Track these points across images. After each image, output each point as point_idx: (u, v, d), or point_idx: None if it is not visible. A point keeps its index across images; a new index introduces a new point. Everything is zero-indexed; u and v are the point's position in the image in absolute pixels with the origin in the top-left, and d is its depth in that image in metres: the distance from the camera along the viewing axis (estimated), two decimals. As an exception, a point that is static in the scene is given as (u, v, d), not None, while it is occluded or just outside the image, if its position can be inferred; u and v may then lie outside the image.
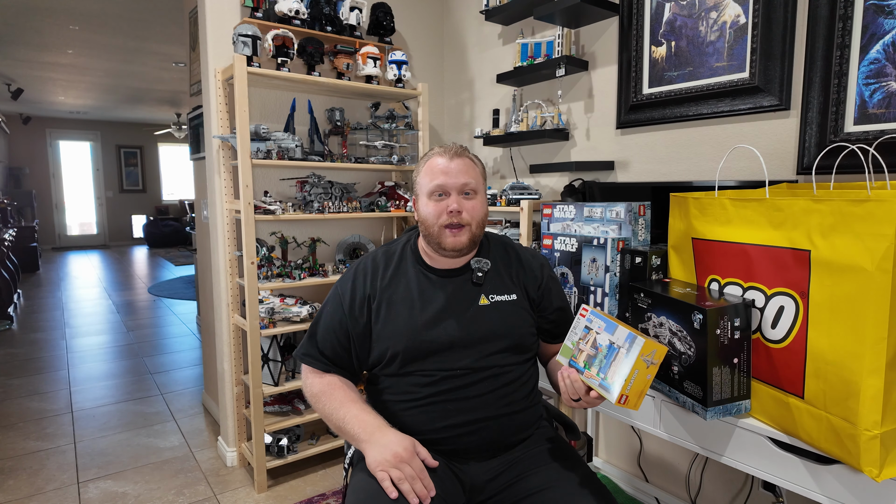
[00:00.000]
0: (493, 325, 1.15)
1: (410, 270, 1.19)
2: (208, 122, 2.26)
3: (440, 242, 1.13)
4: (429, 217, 1.13)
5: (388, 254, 1.23)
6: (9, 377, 3.45)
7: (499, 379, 1.14)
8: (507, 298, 1.18)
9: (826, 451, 0.92)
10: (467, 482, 1.13)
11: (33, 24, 4.67)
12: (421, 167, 1.18)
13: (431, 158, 1.16)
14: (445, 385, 1.12)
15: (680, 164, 1.82)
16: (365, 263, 1.22)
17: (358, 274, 1.20)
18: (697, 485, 1.86)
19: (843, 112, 1.40)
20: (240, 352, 2.29)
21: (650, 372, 0.93)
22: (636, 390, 0.93)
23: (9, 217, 7.15)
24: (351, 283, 1.19)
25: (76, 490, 2.16)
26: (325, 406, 1.13)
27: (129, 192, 11.45)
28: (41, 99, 8.40)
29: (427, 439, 1.11)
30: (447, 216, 1.11)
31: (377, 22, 2.46)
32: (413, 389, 1.13)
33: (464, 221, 1.12)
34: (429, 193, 1.14)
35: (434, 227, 1.13)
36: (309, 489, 2.17)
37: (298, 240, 2.43)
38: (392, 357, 1.13)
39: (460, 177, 1.12)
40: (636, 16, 1.89)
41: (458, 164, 1.13)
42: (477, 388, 1.12)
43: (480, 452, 1.14)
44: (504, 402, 1.14)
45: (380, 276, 1.18)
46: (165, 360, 3.83)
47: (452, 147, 1.16)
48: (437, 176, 1.13)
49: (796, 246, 0.96)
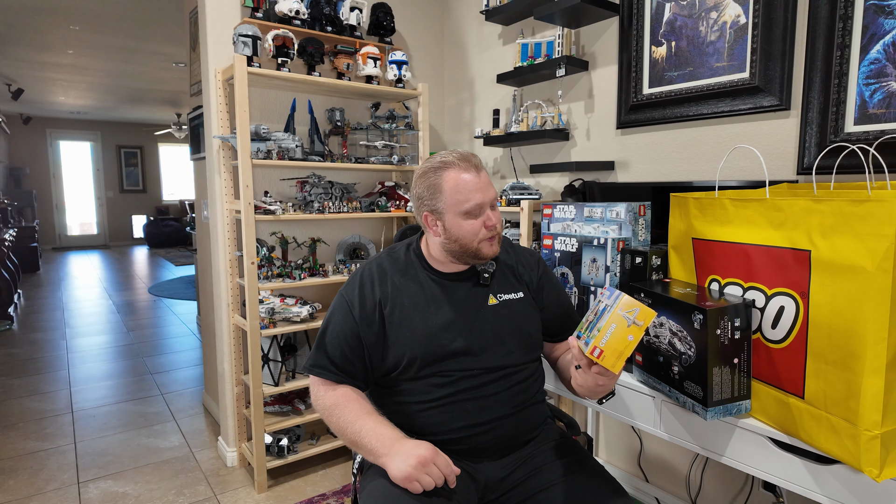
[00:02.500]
0: (503, 323, 1.17)
1: (419, 276, 1.19)
2: (208, 122, 2.26)
3: (478, 254, 1.13)
4: (467, 236, 1.11)
5: (393, 258, 1.21)
6: (9, 377, 3.45)
7: (513, 377, 1.15)
8: (515, 297, 1.20)
9: (826, 451, 0.92)
10: (481, 481, 1.13)
11: (34, 24, 4.67)
12: (441, 182, 1.11)
13: (454, 174, 1.10)
14: (462, 385, 1.12)
15: (680, 165, 1.82)
16: (370, 269, 1.19)
17: (364, 280, 1.17)
18: (698, 485, 1.86)
19: (844, 112, 1.40)
20: (240, 352, 2.29)
21: (632, 332, 0.89)
22: (612, 347, 0.90)
23: (9, 217, 7.14)
24: (358, 290, 1.16)
25: (76, 490, 2.16)
26: (339, 420, 1.09)
27: (130, 192, 11.45)
28: (41, 99, 8.40)
29: (444, 440, 1.11)
30: (487, 231, 1.12)
31: (377, 22, 2.46)
32: (430, 390, 1.13)
33: (499, 231, 1.15)
34: (466, 213, 1.10)
35: (473, 244, 1.12)
36: (309, 489, 2.17)
37: (299, 240, 2.43)
38: (410, 363, 1.12)
39: (489, 190, 1.13)
40: (636, 16, 1.89)
41: (484, 178, 1.13)
42: (492, 388, 1.13)
43: (495, 451, 1.15)
44: (518, 400, 1.16)
45: (389, 282, 1.17)
46: (166, 360, 3.83)
47: (469, 159, 1.13)
48: (472, 194, 1.10)
49: (796, 246, 0.96)
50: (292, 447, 2.22)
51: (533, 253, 1.31)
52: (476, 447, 1.13)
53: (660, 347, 1.14)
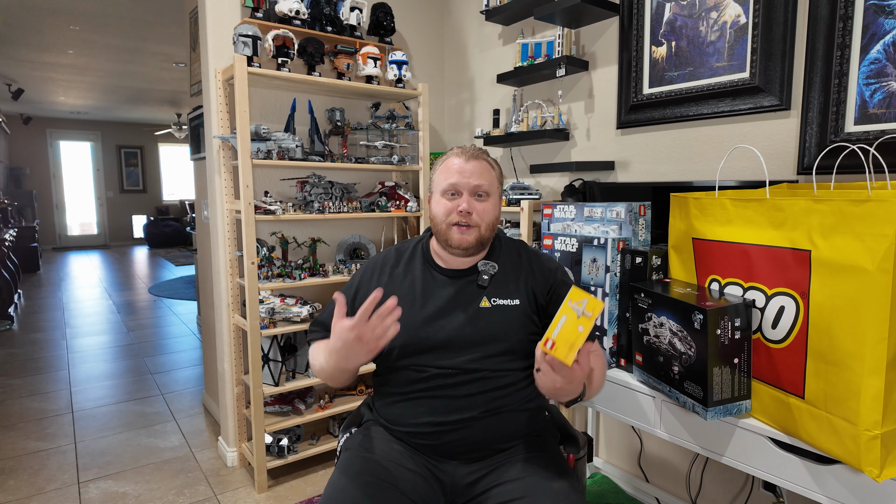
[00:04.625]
0: (490, 327, 1.15)
1: (418, 268, 1.22)
2: (209, 122, 2.26)
3: (447, 239, 1.16)
4: (439, 214, 1.17)
5: (399, 251, 1.28)
6: (9, 377, 3.45)
7: (489, 382, 1.13)
8: (510, 303, 1.17)
9: (826, 451, 0.92)
10: (447, 483, 1.12)
11: (34, 24, 4.67)
12: (438, 165, 1.21)
13: (449, 158, 1.19)
14: (435, 382, 1.13)
15: (680, 165, 1.82)
16: (376, 259, 1.28)
17: (367, 269, 1.26)
18: (698, 485, 1.86)
19: (844, 112, 1.40)
20: (240, 352, 2.29)
21: (582, 323, 0.90)
22: (564, 338, 0.90)
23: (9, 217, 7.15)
24: (360, 276, 1.26)
25: (77, 490, 2.16)
26: (322, 362, 1.10)
27: (130, 192, 11.45)
28: (42, 99, 8.40)
29: (410, 431, 1.14)
30: (456, 215, 1.14)
31: (377, 22, 2.46)
32: (404, 383, 1.16)
33: (472, 222, 1.14)
34: (442, 192, 1.17)
35: (443, 225, 1.16)
36: (309, 489, 2.17)
37: (299, 240, 2.43)
38: (389, 350, 1.15)
39: (473, 178, 1.15)
40: (636, 16, 1.89)
41: (473, 166, 1.15)
42: (466, 389, 1.12)
43: (464, 453, 1.14)
44: (493, 406, 1.13)
45: (387, 273, 1.23)
46: (166, 360, 3.83)
47: (471, 149, 1.19)
48: (451, 175, 1.15)
49: (797, 246, 0.96)
50: (292, 447, 2.22)
51: (553, 261, 1.26)
52: (443, 445, 1.13)
53: (660, 347, 1.14)
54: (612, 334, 1.31)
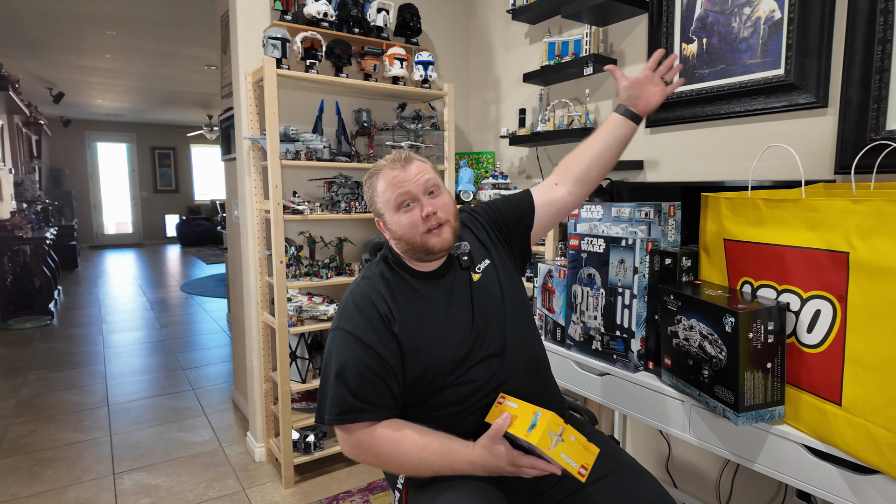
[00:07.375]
0: (491, 294, 1.15)
1: (410, 283, 1.13)
2: (239, 123, 2.30)
3: (427, 248, 1.07)
4: (406, 230, 1.07)
5: (373, 279, 1.14)
6: (49, 370, 3.58)
7: (520, 347, 1.14)
8: (485, 265, 1.19)
9: (864, 460, 0.89)
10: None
11: (73, 29, 4.83)
12: (376, 186, 1.10)
13: (382, 173, 1.10)
14: (481, 383, 1.09)
15: (711, 164, 1.78)
16: (358, 296, 1.11)
17: (359, 307, 1.09)
18: (728, 492, 1.82)
19: (885, 109, 1.35)
20: (268, 349, 2.33)
21: (566, 441, 0.95)
22: (578, 454, 0.96)
23: (50, 216, 7.42)
24: (357, 317, 1.07)
25: (112, 481, 2.23)
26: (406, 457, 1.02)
27: (163, 192, 11.76)
28: (80, 102, 8.70)
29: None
30: (424, 222, 1.06)
31: (404, 23, 2.47)
32: (456, 402, 1.10)
33: (442, 220, 1.08)
34: (396, 207, 1.08)
35: (416, 237, 1.07)
36: (335, 486, 2.19)
37: (326, 239, 2.46)
38: (436, 372, 1.08)
39: (421, 178, 1.08)
40: (666, 13, 1.86)
41: (412, 169, 1.09)
42: (511, 368, 1.12)
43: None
44: (542, 381, 1.18)
45: (386, 299, 1.10)
46: (196, 356, 3.92)
47: (397, 156, 1.11)
48: (398, 187, 1.07)
49: (833, 248, 0.93)
50: (318, 444, 2.25)
51: (476, 208, 1.29)
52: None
53: (689, 350, 1.12)
54: (640, 337, 1.29)
